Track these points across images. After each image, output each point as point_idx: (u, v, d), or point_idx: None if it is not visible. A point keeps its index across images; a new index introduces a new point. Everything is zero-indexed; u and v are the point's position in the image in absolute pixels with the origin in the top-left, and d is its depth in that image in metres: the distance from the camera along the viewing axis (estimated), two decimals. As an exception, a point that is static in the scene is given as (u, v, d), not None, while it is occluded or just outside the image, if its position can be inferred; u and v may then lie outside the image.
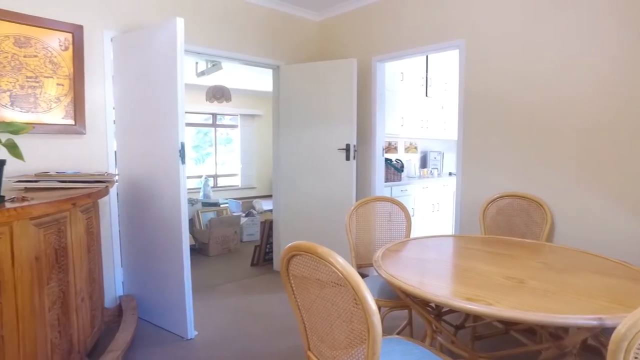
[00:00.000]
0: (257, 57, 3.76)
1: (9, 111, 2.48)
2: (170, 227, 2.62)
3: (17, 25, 2.50)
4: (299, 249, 1.14)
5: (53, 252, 1.88)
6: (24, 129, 1.64)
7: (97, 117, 2.84)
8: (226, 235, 4.77)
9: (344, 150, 3.61)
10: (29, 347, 1.73)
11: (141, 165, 2.80)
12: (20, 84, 2.52)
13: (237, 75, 6.56)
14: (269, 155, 8.98)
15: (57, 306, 1.94)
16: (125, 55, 2.84)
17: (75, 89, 2.72)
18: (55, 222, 1.89)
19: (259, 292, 3.53)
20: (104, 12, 2.86)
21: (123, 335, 2.39)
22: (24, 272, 1.69)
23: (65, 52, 2.68)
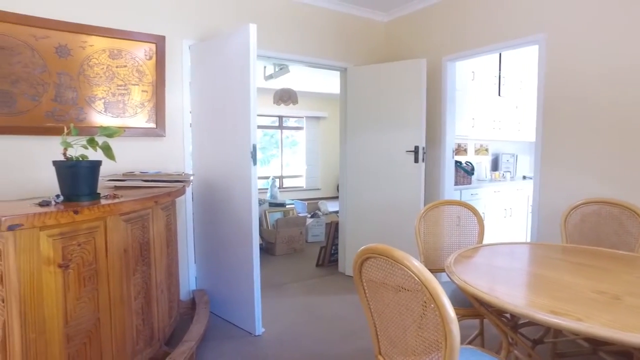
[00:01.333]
0: (324, 60, 3.80)
1: (102, 116, 2.74)
2: (241, 226, 2.73)
3: (111, 39, 2.75)
4: (373, 251, 1.13)
5: (138, 246, 2.04)
6: (117, 133, 1.80)
7: (175, 121, 3.04)
8: (292, 235, 4.88)
9: (412, 152, 3.53)
10: (119, 330, 1.89)
11: (214, 166, 2.95)
12: (112, 91, 2.77)
13: (303, 78, 6.69)
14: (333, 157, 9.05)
15: (141, 296, 2.09)
16: (202, 62, 3.01)
17: (157, 95, 2.93)
18: (140, 218, 2.04)
19: (324, 293, 3.56)
20: (183, 22, 3.05)
21: (197, 327, 2.53)
22: (115, 263, 1.85)
23: (149, 61, 2.90)
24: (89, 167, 1.77)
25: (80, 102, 2.68)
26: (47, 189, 2.57)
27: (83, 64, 2.68)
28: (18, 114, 2.51)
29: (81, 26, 2.67)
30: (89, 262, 1.73)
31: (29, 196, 2.53)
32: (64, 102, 2.63)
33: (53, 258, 1.58)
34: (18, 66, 2.50)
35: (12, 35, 2.48)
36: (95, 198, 1.83)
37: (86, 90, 2.69)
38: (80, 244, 1.68)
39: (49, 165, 2.58)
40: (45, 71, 2.57)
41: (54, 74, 2.59)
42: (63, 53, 2.61)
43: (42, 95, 2.56)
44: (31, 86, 2.54)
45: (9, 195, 2.50)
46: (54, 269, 1.59)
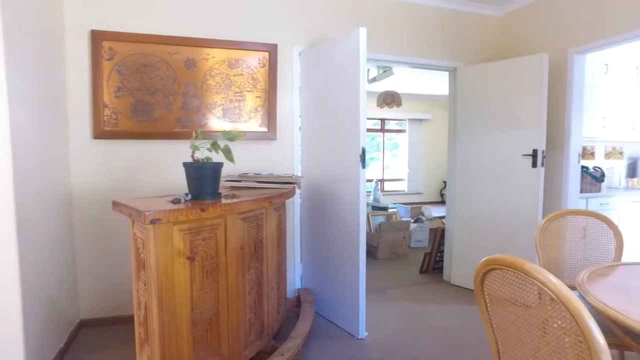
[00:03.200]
0: (432, 60, 3.67)
1: (220, 121, 2.98)
2: (348, 229, 2.75)
3: (230, 50, 2.98)
4: (499, 262, 1.04)
5: (253, 244, 2.16)
6: (238, 136, 1.94)
7: (285, 125, 3.18)
8: (395, 239, 4.79)
9: (530, 156, 3.23)
10: (234, 321, 2.03)
11: (322, 168, 3.02)
12: (230, 98, 3.00)
13: (407, 80, 6.55)
14: (437, 160, 8.71)
15: (254, 291, 2.22)
16: (311, 67, 3.10)
17: (269, 100, 3.09)
18: (255, 217, 2.17)
19: (429, 301, 3.43)
20: (294, 30, 3.19)
21: (302, 325, 2.60)
22: (232, 259, 1.99)
23: (263, 68, 3.08)
24: (212, 169, 1.93)
25: (203, 109, 2.95)
26: (176, 187, 2.87)
27: (206, 74, 2.94)
28: (154, 121, 2.85)
29: (205, 40, 2.94)
30: (211, 256, 1.88)
31: (161, 193, 2.86)
32: (190, 110, 2.92)
33: (183, 250, 1.75)
34: (156, 79, 2.84)
35: (152, 54, 2.83)
36: (217, 197, 1.98)
37: (208, 97, 2.95)
38: (205, 239, 1.84)
39: (177, 165, 2.89)
40: (176, 82, 2.88)
41: (183, 84, 2.89)
42: (190, 65, 2.91)
43: (172, 104, 2.88)
44: (165, 96, 2.86)
45: (145, 192, 2.85)
46: (184, 261, 1.76)
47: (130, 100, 2.80)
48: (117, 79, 2.78)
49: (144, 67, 2.82)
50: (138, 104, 2.82)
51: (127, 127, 2.81)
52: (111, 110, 2.78)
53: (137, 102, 2.82)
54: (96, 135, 2.76)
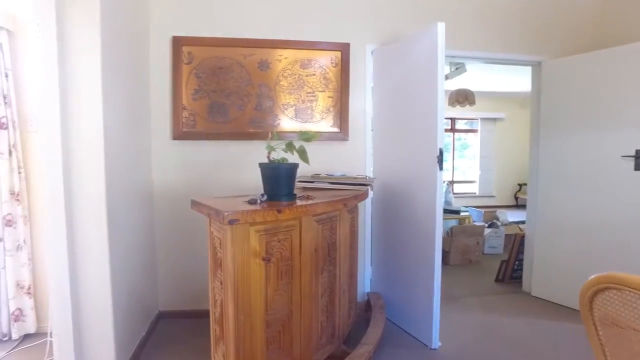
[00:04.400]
0: (510, 55, 3.40)
1: (293, 122, 2.98)
2: (422, 233, 2.62)
3: (302, 51, 2.98)
4: (617, 281, 0.89)
5: (326, 246, 2.12)
6: (314, 137, 1.91)
7: (357, 125, 3.11)
8: (468, 245, 4.54)
9: (633, 157, 2.87)
10: (306, 324, 2.00)
11: (395, 170, 2.91)
12: (302, 99, 2.99)
13: (479, 77, 6.20)
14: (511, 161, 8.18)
15: (327, 294, 2.17)
16: (384, 66, 3.01)
17: (342, 100, 3.05)
18: (329, 219, 2.12)
19: (506, 313, 3.19)
20: (366, 28, 3.11)
21: (374, 331, 2.52)
22: (306, 261, 1.96)
23: (335, 68, 3.04)
24: (288, 170, 1.91)
25: (276, 110, 2.96)
26: (249, 186, 2.92)
27: (279, 75, 2.96)
28: (229, 122, 2.92)
29: (278, 42, 2.95)
30: (285, 258, 1.86)
31: (235, 192, 2.91)
32: (263, 110, 2.95)
33: (259, 251, 1.75)
34: (231, 81, 2.90)
35: (228, 57, 2.90)
36: (292, 198, 1.96)
37: (280, 98, 2.97)
38: (280, 241, 1.82)
39: (250, 165, 2.93)
40: (249, 84, 2.92)
41: (256, 85, 2.93)
42: (264, 67, 2.94)
43: (246, 105, 2.93)
44: (239, 98, 2.92)
45: (220, 191, 2.93)
46: (259, 262, 1.76)
47: (206, 102, 2.90)
48: (195, 82, 2.88)
49: (219, 70, 2.89)
50: (214, 106, 2.90)
51: (204, 128, 2.90)
52: (189, 112, 2.89)
53: (213, 103, 2.90)
54: (175, 136, 2.88)
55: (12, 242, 2.62)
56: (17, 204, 2.61)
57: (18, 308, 2.68)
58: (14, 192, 2.60)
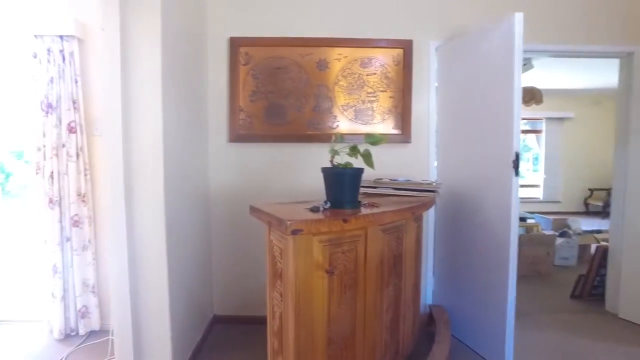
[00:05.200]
0: (596, 46, 3.04)
1: (352, 124, 2.85)
2: (494, 243, 2.40)
3: (363, 49, 2.84)
4: None
5: (392, 258, 1.96)
6: (382, 140, 1.76)
7: (420, 127, 2.92)
8: (537, 255, 4.18)
9: None
10: (369, 341, 1.85)
11: (462, 174, 2.69)
12: (362, 99, 2.85)
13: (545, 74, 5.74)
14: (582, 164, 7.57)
15: (391, 309, 2.02)
16: (449, 63, 2.80)
17: (404, 100, 2.87)
18: (395, 229, 1.97)
19: (587, 336, 2.85)
20: (430, 23, 2.91)
21: (439, 349, 2.32)
22: (371, 274, 1.82)
23: (397, 66, 2.87)
24: (353, 175, 1.78)
25: (335, 111, 2.84)
26: (306, 190, 2.82)
27: (338, 75, 2.84)
28: (286, 124, 2.83)
29: (337, 40, 2.83)
30: (350, 270, 1.73)
31: (291, 196, 2.83)
32: (321, 112, 2.84)
33: (322, 263, 1.63)
34: (288, 82, 2.82)
35: (285, 57, 2.82)
36: (357, 206, 1.83)
37: (340, 99, 2.84)
38: (344, 252, 1.69)
39: (307, 169, 2.83)
40: (308, 84, 2.82)
41: (315, 86, 2.83)
42: (322, 66, 2.83)
43: (304, 106, 2.83)
44: (297, 99, 2.83)
45: (277, 194, 2.85)
46: (322, 274, 1.64)
47: (263, 104, 2.83)
48: (252, 83, 2.83)
49: (277, 70, 2.82)
50: (271, 107, 2.83)
51: (260, 131, 2.84)
52: (246, 114, 2.84)
53: (270, 105, 2.83)
54: (232, 138, 2.84)
55: (79, 241, 2.69)
56: (83, 205, 2.68)
57: (84, 305, 2.75)
58: (81, 193, 2.67)
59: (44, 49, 2.61)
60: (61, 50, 2.61)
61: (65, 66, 2.61)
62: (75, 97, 2.63)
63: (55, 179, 2.61)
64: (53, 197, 2.61)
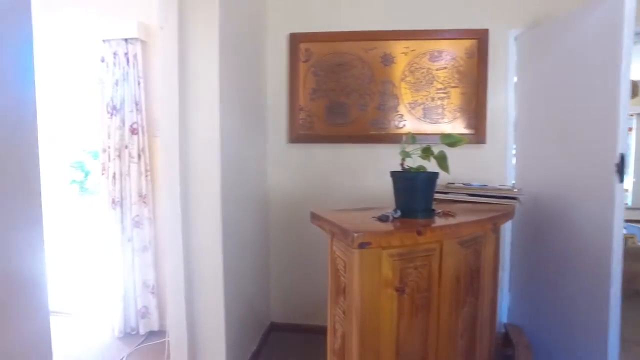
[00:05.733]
0: None
1: (421, 123, 2.62)
2: (590, 259, 2.07)
3: (432, 41, 2.60)
4: None
5: (469, 274, 1.73)
6: (460, 141, 1.53)
7: (496, 125, 2.63)
8: (636, 272, 3.67)
9: None
10: (442, 371, 1.63)
11: (547, 179, 2.37)
12: (431, 96, 2.61)
13: (639, 64, 5.09)
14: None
15: (467, 333, 1.78)
16: (531, 53, 2.48)
17: (478, 96, 2.59)
18: (473, 241, 1.73)
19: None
20: (508, 11, 2.61)
21: (521, 378, 2.04)
22: (446, 292, 1.60)
23: (470, 59, 2.59)
24: (427, 180, 1.57)
25: (401, 109, 2.63)
26: (370, 195, 2.64)
27: (405, 70, 2.62)
28: (348, 124, 2.66)
29: (404, 32, 2.61)
30: (422, 289, 1.52)
31: (354, 200, 2.66)
32: (386, 110, 2.64)
33: (391, 280, 1.44)
34: (351, 79, 2.65)
35: (348, 52, 2.65)
36: (430, 215, 1.62)
37: (406, 96, 2.63)
38: (417, 268, 1.49)
39: (370, 172, 2.65)
40: (372, 81, 2.63)
41: (379, 82, 2.63)
42: (387, 61, 2.62)
43: (368, 105, 2.64)
44: (360, 96, 2.65)
45: (338, 199, 2.69)
46: (391, 292, 1.45)
47: (324, 102, 2.68)
48: (313, 81, 2.69)
49: (338, 67, 2.66)
50: (333, 106, 2.68)
51: (321, 131, 2.69)
52: (306, 113, 2.70)
53: (331, 104, 2.68)
54: (291, 139, 2.72)
55: (140, 242, 2.70)
56: (144, 206, 2.69)
57: (144, 305, 2.76)
58: (142, 194, 2.68)
59: (111, 53, 2.64)
60: (126, 53, 2.63)
61: (129, 68, 2.63)
62: (138, 98, 2.64)
63: (118, 179, 2.64)
64: (115, 197, 2.64)
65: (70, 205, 3.33)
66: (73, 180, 3.50)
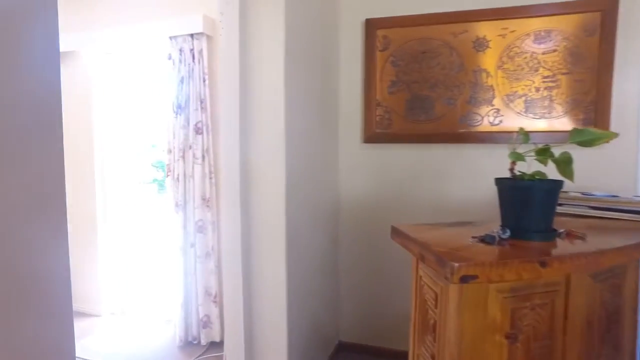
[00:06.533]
0: None
1: (521, 119, 2.17)
2: None
3: (537, 19, 2.15)
4: None
5: (605, 317, 1.30)
6: (604, 138, 1.12)
7: (624, 120, 2.10)
8: None
9: None
10: None
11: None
12: (536, 86, 2.15)
13: None
14: None
15: (598, 393, 1.34)
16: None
17: (599, 84, 2.08)
18: (610, 273, 1.29)
19: None
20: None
21: None
22: (574, 341, 1.19)
23: (589, 38, 2.10)
24: (549, 191, 1.18)
25: (496, 102, 2.20)
26: (459, 205, 2.25)
27: (502, 56, 2.19)
28: (433, 120, 2.30)
29: (502, 10, 2.19)
30: (541, 336, 1.14)
31: (438, 211, 2.29)
32: (478, 104, 2.23)
33: (500, 323, 1.08)
34: (437, 68, 2.28)
35: (433, 37, 2.29)
36: (551, 237, 1.22)
37: (504, 87, 2.20)
38: (534, 308, 1.12)
39: (459, 177, 2.26)
40: (461, 70, 2.24)
41: (470, 72, 2.23)
42: (480, 46, 2.22)
43: (457, 98, 2.26)
44: (447, 89, 2.27)
45: (420, 208, 2.34)
46: (499, 339, 1.09)
47: (405, 96, 2.34)
48: (392, 72, 2.36)
49: (422, 55, 2.30)
50: (414, 100, 2.32)
51: (401, 129, 2.35)
52: (384, 109, 2.38)
53: (413, 97, 2.33)
54: (367, 138, 2.41)
55: (202, 248, 2.57)
56: (207, 210, 2.54)
57: (206, 315, 2.62)
58: (205, 197, 2.54)
59: (177, 50, 2.53)
60: (191, 49, 2.50)
61: (194, 65, 2.50)
62: (203, 96, 2.51)
63: (182, 181, 2.52)
64: (179, 200, 2.52)
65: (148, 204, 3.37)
66: (155, 179, 3.57)
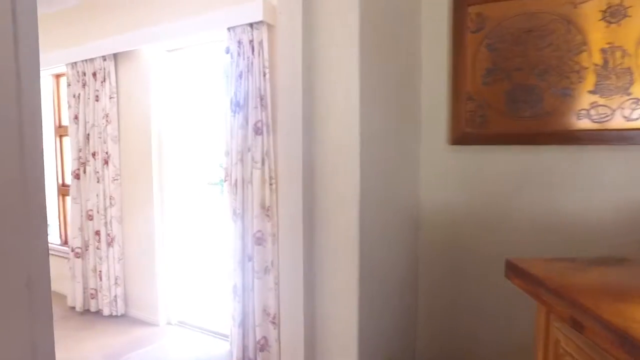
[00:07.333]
0: None
1: None
2: None
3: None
4: None
5: None
6: None
7: None
8: None
9: None
10: None
11: None
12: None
13: None
14: None
15: None
16: None
17: None
18: None
19: None
20: None
21: None
22: None
23: None
24: None
25: (636, 91, 1.68)
26: (575, 223, 1.75)
27: (644, 29, 1.67)
28: (541, 116, 1.82)
29: (641, -29, 1.66)
30: None
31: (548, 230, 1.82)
32: (607, 93, 1.72)
33: None
34: (547, 51, 1.80)
35: (541, 11, 1.81)
36: None
37: (646, 70, 1.67)
38: None
39: (578, 187, 1.77)
40: (582, 51, 1.75)
41: (596, 52, 1.73)
42: (614, 16, 1.70)
43: (575, 86, 1.76)
44: (561, 76, 1.78)
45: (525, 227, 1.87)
46: None
47: (504, 87, 1.89)
48: (487, 58, 1.92)
49: (527, 35, 1.83)
50: (516, 92, 1.86)
51: (499, 128, 1.90)
52: (476, 104, 1.94)
53: (514, 88, 1.87)
54: (454, 139, 1.99)
55: (261, 262, 2.30)
56: (267, 220, 2.26)
57: (263, 336, 2.35)
58: (265, 206, 2.26)
59: (235, 42, 2.29)
60: (251, 40, 2.24)
61: (254, 58, 2.24)
62: (263, 92, 2.23)
63: (240, 187, 2.26)
64: (236, 208, 2.27)
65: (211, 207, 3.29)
66: (221, 180, 3.54)
